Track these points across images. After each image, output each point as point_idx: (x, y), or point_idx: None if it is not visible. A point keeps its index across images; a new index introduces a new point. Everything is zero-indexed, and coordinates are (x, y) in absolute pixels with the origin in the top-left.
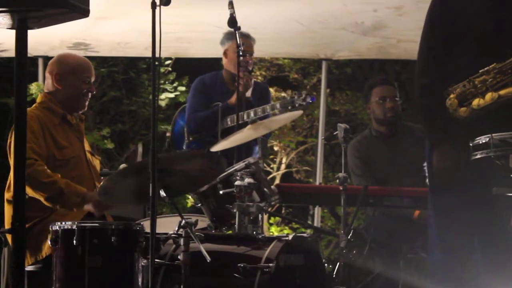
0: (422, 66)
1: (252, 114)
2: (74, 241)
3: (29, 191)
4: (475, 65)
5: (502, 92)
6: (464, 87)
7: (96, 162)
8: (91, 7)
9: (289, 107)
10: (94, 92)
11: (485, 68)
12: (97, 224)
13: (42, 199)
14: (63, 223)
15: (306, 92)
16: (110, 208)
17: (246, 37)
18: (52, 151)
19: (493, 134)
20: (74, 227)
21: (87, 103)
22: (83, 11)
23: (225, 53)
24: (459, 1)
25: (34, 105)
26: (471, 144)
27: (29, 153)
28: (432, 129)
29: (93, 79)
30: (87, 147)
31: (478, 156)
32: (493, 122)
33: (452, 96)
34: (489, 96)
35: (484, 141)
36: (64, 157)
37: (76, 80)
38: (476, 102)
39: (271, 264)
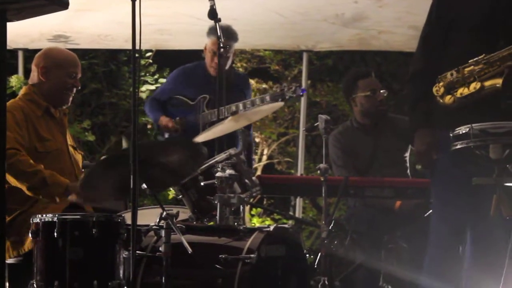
0: (416, 53)
1: (241, 106)
2: (55, 233)
3: (12, 181)
4: (468, 54)
5: (487, 83)
6: (452, 76)
7: (79, 157)
8: None
9: (279, 100)
10: (79, 87)
11: (475, 58)
12: (78, 216)
13: (24, 188)
14: (44, 215)
15: (296, 84)
16: (93, 199)
17: (226, 39)
18: (33, 143)
19: (473, 124)
20: (55, 219)
21: (71, 98)
22: (62, 4)
23: (205, 47)
24: None
25: (18, 96)
26: (451, 135)
27: (13, 143)
28: (414, 113)
29: (79, 75)
30: (70, 141)
31: (459, 147)
32: (474, 113)
33: (440, 84)
34: (472, 85)
35: (464, 132)
36: (46, 150)
37: (62, 75)
38: (460, 90)
39: (252, 255)
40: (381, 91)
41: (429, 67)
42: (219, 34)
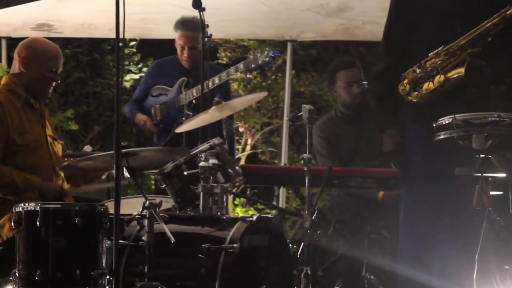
0: (380, 51)
1: (216, 80)
2: (38, 222)
3: None
4: (430, 49)
5: (449, 74)
6: (415, 72)
7: (59, 147)
8: None
9: (253, 66)
10: (58, 82)
11: (435, 51)
12: (60, 206)
13: None
14: (26, 204)
15: (267, 48)
16: (68, 194)
17: (188, 30)
18: (12, 136)
19: (456, 115)
20: (38, 208)
21: (50, 91)
22: None
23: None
24: None
25: None
26: (434, 125)
27: None
28: (380, 112)
29: (60, 69)
30: (49, 131)
31: (442, 137)
32: (441, 104)
33: (405, 81)
34: (437, 79)
35: (447, 122)
36: (24, 142)
37: (41, 67)
38: (425, 86)
39: (235, 245)
40: (363, 82)
41: (392, 65)
42: (202, 23)
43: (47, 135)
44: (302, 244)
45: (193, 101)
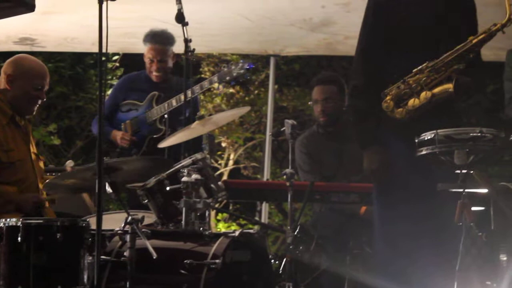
0: (355, 67)
1: (189, 94)
2: (19, 238)
3: None
4: (410, 64)
5: (435, 90)
6: (399, 88)
7: (41, 164)
8: (37, 1)
9: (227, 78)
10: (44, 100)
11: (419, 67)
12: (42, 221)
13: None
14: (8, 219)
15: (241, 60)
16: (44, 202)
17: (157, 43)
18: None
19: (438, 131)
20: (19, 223)
21: (35, 108)
22: (28, 6)
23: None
24: (394, 2)
25: None
26: (416, 141)
27: None
28: (361, 130)
29: (46, 87)
30: (33, 149)
31: (424, 152)
32: (425, 121)
33: (388, 98)
34: (423, 95)
35: (429, 137)
36: (10, 160)
37: (26, 85)
38: (411, 102)
39: (217, 261)
40: (330, 99)
41: (371, 81)
42: (185, 37)
43: (31, 153)
44: (285, 259)
45: (165, 115)
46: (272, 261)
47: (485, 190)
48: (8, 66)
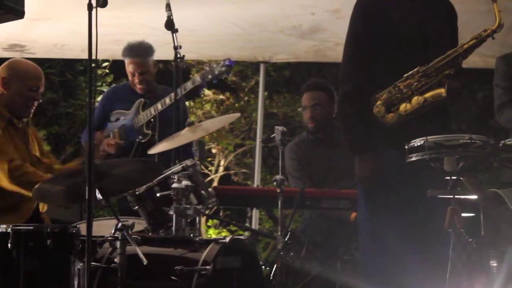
0: (343, 73)
1: (172, 97)
2: (9, 244)
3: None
4: (399, 69)
5: (427, 95)
6: (390, 93)
7: (47, 161)
8: (26, 8)
9: (210, 77)
10: (40, 101)
11: (409, 72)
12: (32, 227)
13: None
14: None
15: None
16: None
17: (135, 56)
18: None
19: (428, 137)
20: (9, 230)
21: (31, 110)
22: (17, 13)
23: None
24: (382, 8)
25: None
26: (406, 147)
27: (12, 154)
28: (352, 137)
29: (41, 89)
30: (34, 150)
31: (413, 159)
32: (416, 127)
33: (378, 102)
34: (415, 100)
35: (419, 144)
36: (12, 167)
37: (21, 86)
38: (403, 107)
39: (208, 267)
40: (318, 106)
41: (360, 87)
42: (175, 44)
43: (31, 155)
44: (275, 265)
45: (151, 120)
46: (263, 267)
47: (475, 197)
48: (2, 70)
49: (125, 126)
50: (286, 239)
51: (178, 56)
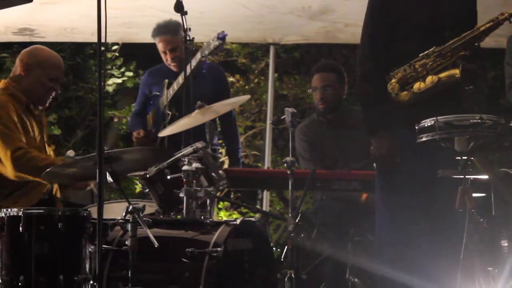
0: (363, 53)
1: (180, 80)
2: (20, 228)
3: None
4: (416, 49)
5: (442, 75)
6: (405, 71)
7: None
8: None
9: (207, 52)
10: (59, 91)
11: (425, 52)
12: (43, 211)
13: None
14: (9, 209)
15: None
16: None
17: (163, 34)
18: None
19: (438, 117)
20: (20, 213)
21: (48, 99)
22: None
23: None
24: None
25: None
26: (416, 127)
27: (17, 142)
28: (370, 116)
29: (61, 79)
30: (45, 137)
31: (424, 139)
32: (429, 107)
33: (393, 80)
34: (429, 79)
35: (429, 124)
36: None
37: (41, 75)
38: (417, 86)
39: (219, 249)
40: (329, 87)
41: (380, 66)
42: (185, 27)
43: (45, 142)
44: (286, 247)
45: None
46: (274, 249)
47: (486, 176)
48: (25, 55)
49: (156, 108)
50: (297, 221)
51: (188, 38)
